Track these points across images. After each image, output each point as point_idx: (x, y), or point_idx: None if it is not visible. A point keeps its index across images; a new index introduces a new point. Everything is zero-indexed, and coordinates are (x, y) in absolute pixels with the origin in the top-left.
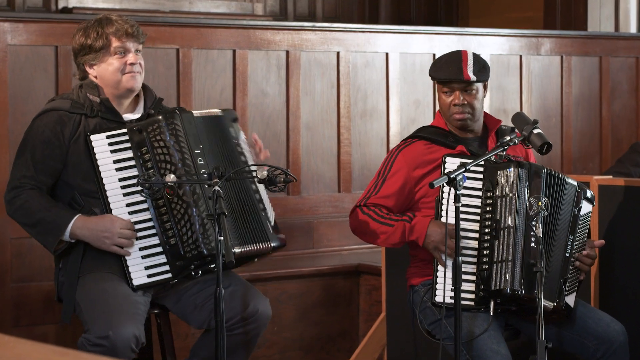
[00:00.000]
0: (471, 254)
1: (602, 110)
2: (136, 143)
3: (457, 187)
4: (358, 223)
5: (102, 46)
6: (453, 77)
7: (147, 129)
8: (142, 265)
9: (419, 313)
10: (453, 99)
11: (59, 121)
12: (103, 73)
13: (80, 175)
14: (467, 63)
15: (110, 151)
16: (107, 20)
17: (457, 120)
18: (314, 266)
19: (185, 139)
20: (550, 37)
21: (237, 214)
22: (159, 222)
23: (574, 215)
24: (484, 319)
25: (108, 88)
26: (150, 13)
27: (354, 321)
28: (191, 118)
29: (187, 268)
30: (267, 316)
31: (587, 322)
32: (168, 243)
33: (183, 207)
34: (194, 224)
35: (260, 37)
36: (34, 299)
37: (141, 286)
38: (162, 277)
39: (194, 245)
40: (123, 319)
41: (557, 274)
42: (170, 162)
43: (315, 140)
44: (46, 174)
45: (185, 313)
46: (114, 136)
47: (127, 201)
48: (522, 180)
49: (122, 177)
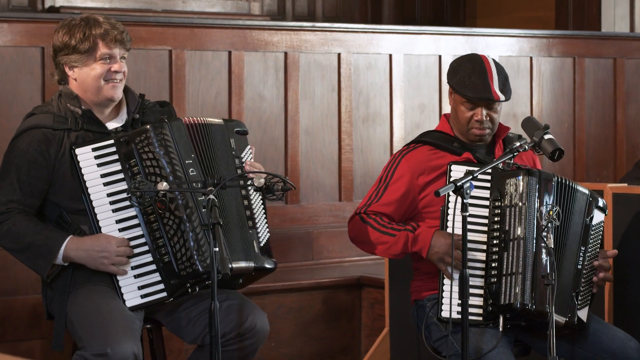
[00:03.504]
0: (479, 267)
1: (617, 114)
2: (124, 155)
3: (465, 196)
4: (358, 231)
5: (87, 49)
6: (482, 97)
7: (134, 140)
8: (135, 285)
9: (424, 329)
10: (475, 114)
11: (44, 140)
12: (84, 78)
13: (66, 193)
14: (493, 78)
15: (97, 164)
16: (94, 21)
17: (476, 135)
18: (314, 279)
19: (176, 149)
20: (562, 38)
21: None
22: (151, 238)
23: (585, 225)
24: (492, 334)
25: (87, 94)
26: (142, 12)
27: (356, 337)
28: (181, 126)
29: (182, 286)
30: (264, 332)
31: (601, 339)
32: (161, 261)
33: (175, 222)
34: (188, 240)
35: (257, 37)
36: (19, 313)
37: (135, 307)
38: (157, 296)
39: (188, 262)
40: (121, 335)
41: (569, 287)
42: (160, 175)
43: (315, 146)
44: (33, 195)
45: (178, 327)
46: (100, 148)
47: (117, 217)
48: (532, 188)
49: (110, 192)
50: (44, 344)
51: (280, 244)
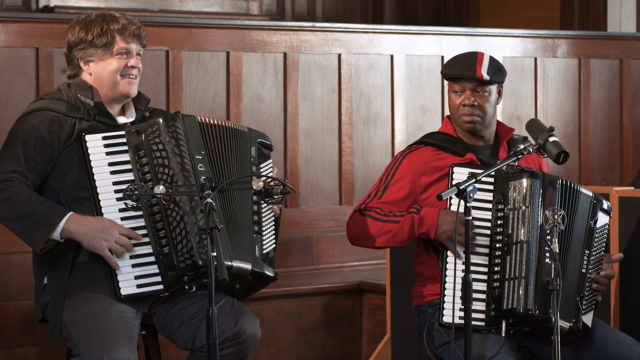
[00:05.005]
0: (481, 271)
1: (623, 116)
2: (134, 146)
3: (468, 199)
4: (357, 227)
5: (104, 44)
6: (465, 74)
7: (146, 131)
8: (132, 274)
9: (426, 335)
10: (463, 99)
11: (56, 121)
12: (100, 72)
13: (68, 181)
14: (482, 63)
15: (106, 153)
16: (111, 17)
17: (466, 122)
18: (314, 284)
19: (186, 142)
20: (568, 38)
21: (224, 227)
22: (152, 230)
23: (589, 228)
24: (495, 340)
25: (102, 89)
26: (138, 12)
27: (357, 343)
28: (193, 122)
29: (179, 279)
30: (255, 338)
31: (606, 344)
32: (161, 252)
33: (179, 214)
34: (190, 233)
35: (256, 38)
36: (13, 319)
37: (129, 296)
38: (152, 288)
39: (188, 254)
40: (118, 342)
41: (573, 291)
42: (169, 167)
43: (315, 149)
44: (36, 173)
45: (171, 331)
46: (110, 137)
47: (120, 206)
48: (535, 191)
49: (116, 181)
50: (38, 351)
51: (279, 248)
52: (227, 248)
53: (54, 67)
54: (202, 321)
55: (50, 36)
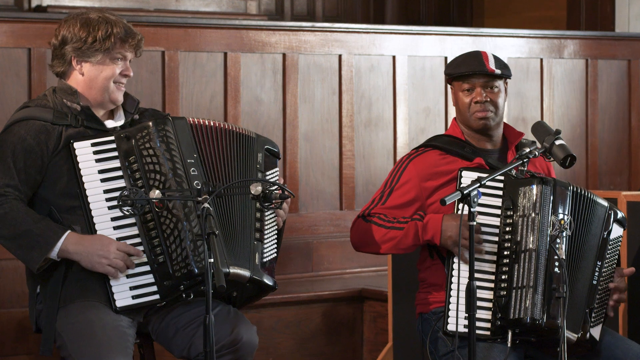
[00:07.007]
0: (487, 279)
1: (632, 119)
2: (124, 152)
3: (472, 204)
4: (361, 233)
5: (107, 48)
6: (476, 70)
7: (135, 135)
8: (127, 285)
9: (430, 343)
10: (474, 97)
11: (43, 130)
12: (94, 75)
13: (58, 190)
14: (489, 59)
15: (95, 160)
16: (114, 21)
17: (479, 119)
18: (314, 291)
19: (177, 146)
20: (574, 39)
21: (222, 232)
22: (146, 238)
23: (602, 239)
24: (500, 350)
25: (92, 91)
26: (133, 12)
27: (358, 352)
28: (184, 125)
29: (176, 289)
30: (252, 345)
31: (614, 352)
32: (156, 262)
33: (173, 221)
34: (184, 240)
35: (254, 38)
36: (5, 327)
37: (125, 308)
38: (148, 298)
39: (183, 263)
40: (113, 352)
41: (583, 302)
42: (160, 172)
43: (315, 152)
44: (28, 185)
45: (167, 338)
46: (99, 144)
47: (112, 215)
48: (545, 199)
49: (107, 189)
50: (31, 359)
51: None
52: (224, 254)
53: (47, 69)
54: (197, 329)
55: (43, 36)
